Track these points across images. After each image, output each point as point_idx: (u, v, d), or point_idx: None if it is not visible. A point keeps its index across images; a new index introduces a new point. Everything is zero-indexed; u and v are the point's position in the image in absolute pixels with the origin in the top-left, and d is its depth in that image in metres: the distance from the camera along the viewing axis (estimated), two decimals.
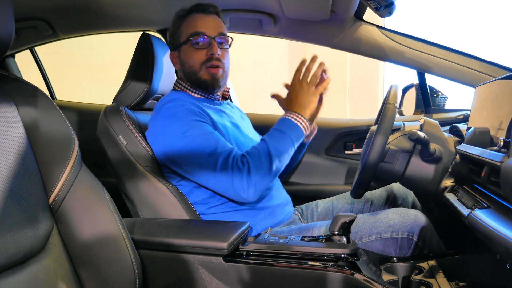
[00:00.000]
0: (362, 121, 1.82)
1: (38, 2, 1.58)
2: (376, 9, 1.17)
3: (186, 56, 1.26)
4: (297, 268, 0.91)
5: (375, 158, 1.10)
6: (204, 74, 1.25)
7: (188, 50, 1.26)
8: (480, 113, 0.99)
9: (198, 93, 1.30)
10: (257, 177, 1.07)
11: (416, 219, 1.11)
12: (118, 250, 0.87)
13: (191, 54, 1.25)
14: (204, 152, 1.09)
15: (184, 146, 1.11)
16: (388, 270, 1.02)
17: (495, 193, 0.80)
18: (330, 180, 1.78)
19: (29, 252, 0.76)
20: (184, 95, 1.27)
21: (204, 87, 1.27)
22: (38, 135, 0.84)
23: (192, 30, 1.25)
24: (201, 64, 1.24)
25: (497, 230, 0.64)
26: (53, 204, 0.84)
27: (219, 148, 1.09)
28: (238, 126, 1.32)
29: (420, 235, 1.08)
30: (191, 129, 1.12)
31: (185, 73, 1.29)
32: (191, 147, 1.10)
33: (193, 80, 1.27)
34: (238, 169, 1.07)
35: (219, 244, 0.91)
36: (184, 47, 1.27)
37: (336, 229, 0.94)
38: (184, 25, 1.27)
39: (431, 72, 1.63)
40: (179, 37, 1.28)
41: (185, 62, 1.27)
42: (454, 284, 0.95)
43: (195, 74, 1.26)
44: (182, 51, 1.28)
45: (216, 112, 1.27)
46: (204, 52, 1.24)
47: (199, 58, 1.24)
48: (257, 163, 1.08)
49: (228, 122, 1.27)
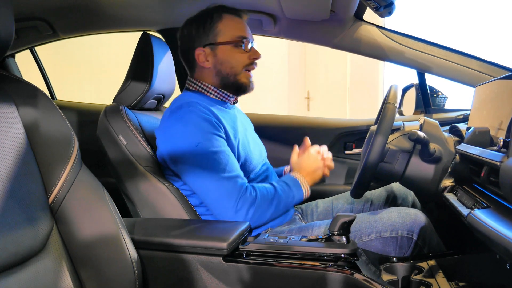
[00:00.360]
0: (362, 121, 1.82)
1: (38, 2, 1.58)
2: (376, 9, 1.17)
3: (228, 56, 1.24)
4: (297, 268, 0.91)
5: (375, 158, 1.10)
6: (243, 77, 1.26)
7: (232, 50, 1.24)
8: (480, 113, 0.99)
9: (217, 95, 1.28)
10: (259, 212, 1.12)
11: (416, 218, 1.11)
12: (118, 250, 0.87)
13: (235, 56, 1.24)
14: (212, 169, 1.10)
15: (194, 156, 1.11)
16: (387, 270, 1.02)
17: (494, 193, 0.80)
18: (330, 180, 1.79)
19: (29, 252, 0.76)
20: (200, 96, 1.25)
21: (241, 89, 1.28)
22: (38, 135, 0.84)
23: (239, 33, 1.24)
24: (243, 66, 1.26)
25: (496, 230, 0.64)
26: (53, 204, 0.84)
27: (227, 170, 1.11)
28: (246, 129, 1.33)
29: (419, 234, 1.08)
30: (204, 141, 1.11)
31: (218, 72, 1.26)
32: (200, 160, 1.10)
33: (230, 82, 1.26)
34: (245, 197, 1.10)
35: (219, 244, 0.91)
36: (225, 46, 1.24)
37: (336, 229, 0.94)
38: (223, 24, 1.24)
39: (431, 72, 1.63)
40: (215, 35, 1.24)
41: (225, 62, 1.25)
42: (454, 284, 0.95)
43: (235, 75, 1.25)
44: (220, 50, 1.25)
45: (230, 117, 1.26)
46: (247, 56, 1.25)
47: (243, 61, 1.25)
48: (263, 203, 1.13)
49: (240, 128, 1.27)
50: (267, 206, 1.13)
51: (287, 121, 1.97)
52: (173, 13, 1.61)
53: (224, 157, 1.12)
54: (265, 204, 1.13)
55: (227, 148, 1.15)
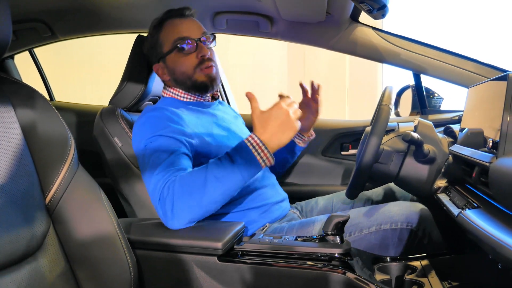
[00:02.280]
0: (358, 122, 1.83)
1: (36, 4, 1.59)
2: (369, 11, 1.18)
3: (175, 64, 1.23)
4: (291, 268, 0.92)
5: (369, 159, 1.11)
6: (199, 76, 1.23)
7: (176, 57, 1.23)
8: (472, 114, 1.01)
9: (189, 97, 1.28)
10: (181, 207, 0.94)
11: (415, 210, 1.12)
12: (114, 250, 0.88)
13: (180, 61, 1.23)
14: (150, 168, 1.02)
15: (143, 157, 1.08)
16: (381, 269, 1.03)
17: (485, 193, 0.81)
18: (327, 180, 1.79)
19: (26, 251, 0.77)
20: (173, 101, 1.26)
21: (203, 88, 1.25)
22: (35, 136, 0.85)
23: (175, 36, 1.22)
24: (194, 68, 1.23)
25: (484, 229, 0.65)
26: (49, 204, 0.85)
27: (162, 170, 0.99)
28: (228, 127, 1.30)
29: (419, 225, 1.09)
30: (152, 143, 1.07)
31: (177, 81, 1.26)
32: (145, 161, 1.06)
33: (189, 85, 1.25)
34: (163, 196, 0.95)
35: (214, 244, 0.92)
36: (170, 56, 1.23)
37: (330, 229, 0.95)
38: (163, 33, 1.24)
39: (426, 74, 1.64)
40: (161, 47, 1.25)
41: (176, 70, 1.24)
42: (447, 283, 0.96)
43: (190, 78, 1.23)
44: (169, 60, 1.24)
45: (205, 116, 1.26)
46: (194, 56, 1.22)
47: (191, 63, 1.22)
48: (185, 191, 0.94)
49: (214, 125, 1.25)
50: (196, 193, 0.94)
51: None
52: None
53: (164, 155, 1.02)
54: (191, 191, 0.94)
55: (174, 147, 1.05)
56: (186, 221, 0.96)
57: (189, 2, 1.36)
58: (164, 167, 1.00)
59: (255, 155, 0.97)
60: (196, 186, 0.94)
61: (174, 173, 0.98)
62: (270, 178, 1.33)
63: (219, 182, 0.95)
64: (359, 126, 1.80)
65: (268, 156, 0.98)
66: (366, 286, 0.86)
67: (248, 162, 0.96)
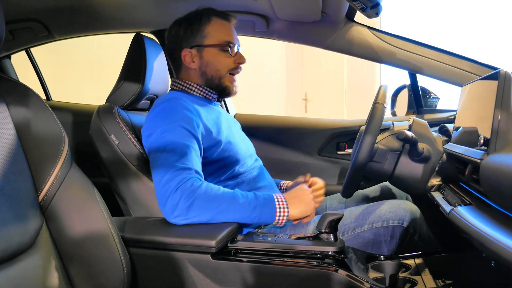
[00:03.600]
0: (354, 122, 1.83)
1: (33, 4, 1.59)
2: (362, 9, 1.19)
3: (213, 59, 1.27)
4: (285, 266, 0.92)
5: (364, 157, 1.11)
6: (227, 80, 1.29)
7: (218, 54, 1.26)
8: (466, 113, 1.01)
9: (200, 93, 1.30)
10: (196, 209, 1.00)
11: (406, 207, 1.14)
12: (107, 248, 0.88)
13: (221, 59, 1.27)
14: (166, 158, 1.06)
15: (157, 146, 1.10)
16: (375, 268, 1.04)
17: (477, 190, 0.81)
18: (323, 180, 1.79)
19: (18, 248, 0.77)
20: (184, 94, 1.27)
21: (224, 92, 1.30)
22: (29, 134, 0.85)
23: (226, 37, 1.27)
24: (228, 70, 1.28)
25: (474, 225, 0.65)
26: (43, 202, 0.85)
27: (180, 161, 1.05)
28: (231, 126, 1.33)
29: (410, 222, 1.11)
30: (169, 132, 1.10)
31: (203, 73, 1.28)
32: (160, 149, 1.09)
33: (215, 83, 1.28)
34: (184, 188, 1.01)
35: (207, 242, 0.92)
36: (211, 49, 1.26)
37: (323, 227, 0.95)
38: (212, 27, 1.27)
39: (422, 73, 1.64)
40: (202, 37, 1.26)
41: (210, 65, 1.27)
42: (440, 281, 0.96)
43: (219, 78, 1.28)
44: (207, 52, 1.27)
45: (214, 112, 1.28)
46: (233, 60, 1.28)
47: (228, 65, 1.27)
48: (208, 200, 1.01)
49: (225, 123, 1.28)
50: (208, 203, 1.01)
51: (280, 122, 1.98)
52: (167, 14, 1.62)
53: (182, 149, 1.08)
54: (207, 201, 1.01)
55: (191, 143, 1.11)
56: (189, 221, 1.01)
57: (186, 2, 1.37)
58: (183, 161, 1.05)
59: (276, 213, 1.08)
60: (218, 202, 1.02)
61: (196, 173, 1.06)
62: (267, 179, 1.34)
63: (236, 214, 1.04)
64: (355, 125, 1.80)
65: (285, 219, 1.09)
66: (358, 283, 0.86)
67: (268, 215, 1.08)
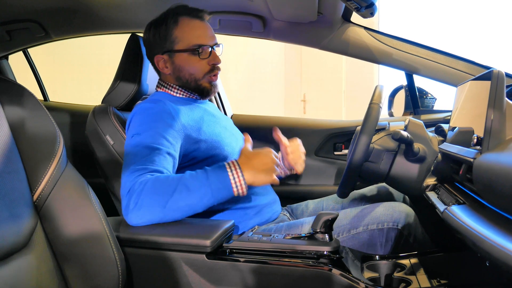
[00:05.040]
0: (351, 122, 1.84)
1: (30, 4, 1.59)
2: (357, 9, 1.19)
3: (185, 64, 1.24)
4: (280, 265, 0.92)
5: (359, 157, 1.11)
6: (204, 82, 1.27)
7: (189, 58, 1.24)
8: (460, 112, 1.01)
9: (184, 94, 1.29)
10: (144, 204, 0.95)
11: (401, 210, 1.14)
12: (102, 248, 0.89)
13: (193, 63, 1.24)
14: (130, 160, 1.03)
15: (127, 146, 1.08)
16: (370, 268, 1.03)
17: (471, 190, 0.82)
18: (320, 180, 1.80)
19: (12, 248, 0.77)
20: (167, 95, 1.27)
21: (204, 93, 1.29)
22: (23, 133, 0.85)
23: (196, 40, 1.23)
24: (204, 73, 1.26)
25: (467, 224, 0.65)
26: (37, 201, 0.85)
27: (140, 163, 1.00)
28: (219, 121, 1.32)
29: (405, 225, 1.11)
30: (142, 133, 1.07)
31: (178, 78, 1.27)
32: (126, 153, 1.07)
33: (192, 86, 1.27)
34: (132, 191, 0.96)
35: (202, 241, 0.92)
36: (182, 54, 1.23)
37: (318, 227, 0.95)
38: (179, 30, 1.23)
39: (418, 74, 1.64)
40: (172, 43, 1.23)
41: (183, 69, 1.25)
42: (435, 281, 0.96)
43: (196, 81, 1.26)
44: (178, 57, 1.24)
45: (198, 110, 1.27)
46: (206, 62, 1.25)
47: (203, 68, 1.25)
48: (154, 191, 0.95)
49: (209, 118, 1.27)
50: (156, 194, 0.95)
51: (278, 122, 1.98)
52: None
53: (144, 151, 1.03)
54: (154, 192, 0.95)
55: (158, 144, 1.05)
56: (145, 219, 0.96)
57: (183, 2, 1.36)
58: (143, 162, 1.01)
59: (230, 178, 0.99)
60: (165, 189, 0.96)
61: (150, 172, 0.99)
62: None
63: (188, 193, 0.97)
64: (352, 126, 1.80)
65: (243, 184, 1.00)
66: (353, 283, 0.86)
67: (222, 184, 0.99)
